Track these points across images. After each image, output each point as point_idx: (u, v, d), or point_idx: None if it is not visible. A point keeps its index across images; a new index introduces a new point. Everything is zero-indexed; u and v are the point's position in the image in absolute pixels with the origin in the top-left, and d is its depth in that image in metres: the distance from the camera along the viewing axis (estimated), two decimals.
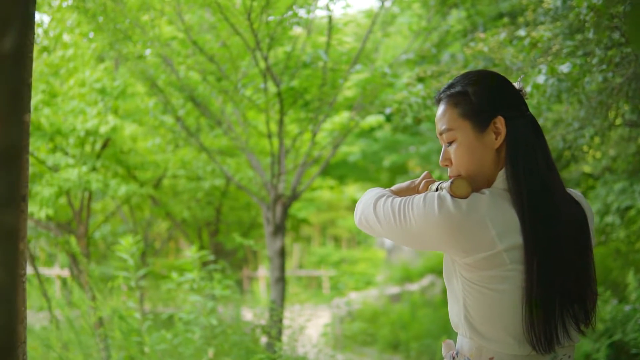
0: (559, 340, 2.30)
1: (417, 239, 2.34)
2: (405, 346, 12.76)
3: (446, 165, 2.48)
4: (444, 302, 15.50)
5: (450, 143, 2.43)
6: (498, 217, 2.23)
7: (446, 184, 2.39)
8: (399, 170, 22.48)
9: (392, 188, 2.67)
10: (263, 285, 20.76)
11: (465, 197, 2.26)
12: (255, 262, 22.47)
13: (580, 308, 2.35)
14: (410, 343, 12.56)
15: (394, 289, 19.08)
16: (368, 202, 2.51)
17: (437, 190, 2.47)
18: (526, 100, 2.47)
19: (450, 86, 2.47)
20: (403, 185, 2.68)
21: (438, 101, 2.51)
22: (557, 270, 2.28)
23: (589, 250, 2.41)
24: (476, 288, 2.27)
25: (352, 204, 26.40)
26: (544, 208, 2.29)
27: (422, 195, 2.33)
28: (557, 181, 2.38)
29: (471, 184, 2.32)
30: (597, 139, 7.99)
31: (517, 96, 2.44)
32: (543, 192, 2.31)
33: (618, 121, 8.18)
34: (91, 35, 9.10)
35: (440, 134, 2.46)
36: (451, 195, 2.27)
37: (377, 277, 22.88)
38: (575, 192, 2.48)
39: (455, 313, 2.39)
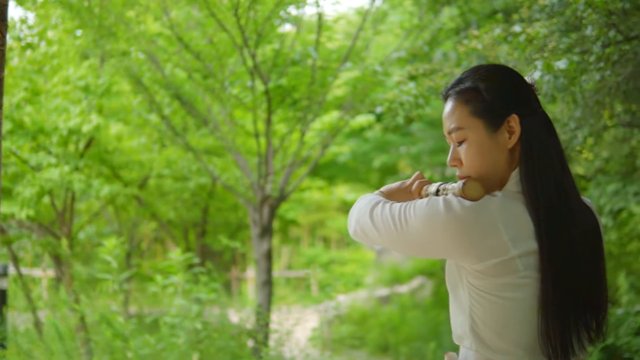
0: (574, 351, 2.16)
1: (421, 246, 2.17)
2: (394, 349, 12.66)
3: (455, 166, 2.32)
4: (434, 304, 15.47)
5: (460, 142, 2.26)
6: (511, 221, 2.08)
7: (451, 186, 2.23)
8: (389, 171, 22.41)
9: (382, 189, 2.50)
10: (252, 286, 20.68)
11: (478, 200, 2.11)
12: (243, 263, 22.39)
13: (592, 317, 2.20)
14: (399, 346, 12.46)
15: (383, 291, 19.04)
16: (363, 209, 2.34)
17: (437, 192, 2.31)
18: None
19: (459, 81, 2.30)
20: (393, 187, 2.51)
21: (446, 97, 2.34)
22: (572, 278, 2.14)
23: (602, 256, 2.27)
24: (485, 297, 2.12)
25: (342, 205, 26.37)
26: (560, 212, 2.14)
27: (426, 199, 2.17)
28: (572, 183, 2.23)
29: (484, 188, 2.16)
30: (590, 140, 7.89)
31: (530, 92, 2.27)
32: (558, 195, 2.17)
33: (613, 122, 8.09)
34: (78, 33, 8.96)
35: (449, 132, 2.29)
36: (463, 198, 2.11)
37: (366, 278, 22.84)
38: (584, 198, 2.32)
39: (459, 324, 2.24)
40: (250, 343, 8.81)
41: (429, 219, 2.11)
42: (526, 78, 2.31)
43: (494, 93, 2.22)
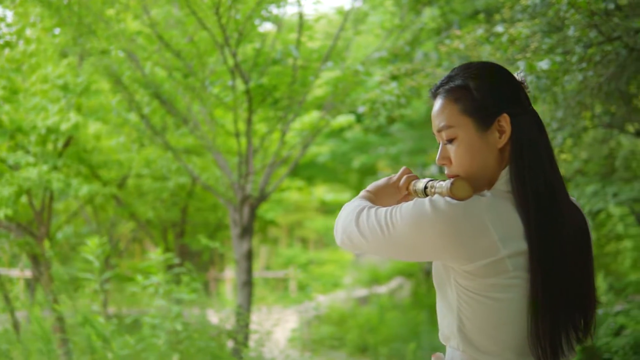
0: (564, 352, 2.15)
1: (410, 249, 2.15)
2: (373, 350, 12.64)
3: (444, 164, 2.29)
4: (413, 305, 15.48)
5: (449, 141, 2.24)
6: (500, 221, 2.06)
7: (439, 184, 2.21)
8: (368, 171, 22.42)
9: (369, 188, 2.48)
10: (230, 287, 20.62)
11: (466, 199, 2.08)
12: (221, 263, 22.33)
13: (581, 317, 2.19)
14: (379, 347, 12.45)
15: (362, 292, 19.03)
16: (348, 218, 2.30)
17: (425, 188, 2.29)
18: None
19: (449, 79, 2.28)
20: (380, 184, 2.48)
21: (435, 95, 2.31)
22: (562, 278, 2.12)
23: (590, 256, 2.26)
24: (474, 297, 2.09)
25: (321, 206, 26.36)
26: (550, 211, 2.13)
27: (411, 201, 2.15)
28: (561, 183, 2.21)
29: (472, 185, 2.14)
30: (569, 141, 7.92)
31: (520, 89, 2.25)
32: (548, 195, 2.15)
33: (593, 123, 8.11)
34: (57, 31, 8.89)
35: (439, 131, 2.26)
36: (451, 198, 2.09)
37: (345, 279, 22.83)
38: (572, 197, 2.30)
39: (446, 324, 2.22)
40: (230, 344, 8.77)
41: (416, 221, 2.09)
42: (516, 75, 2.28)
43: (485, 91, 2.20)
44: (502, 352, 2.10)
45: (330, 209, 27.02)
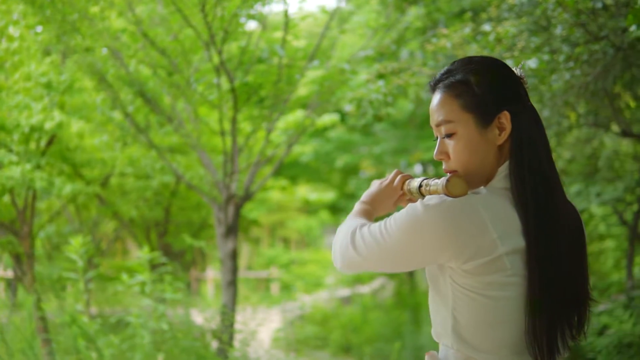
0: (559, 350, 2.13)
1: (410, 257, 2.13)
2: (357, 350, 12.65)
3: (441, 159, 2.27)
4: (396, 305, 15.50)
5: (448, 136, 2.22)
6: (498, 218, 2.05)
7: (434, 182, 2.21)
8: (351, 171, 22.44)
9: (363, 199, 2.50)
10: (212, 287, 20.59)
11: (461, 197, 2.07)
12: (203, 263, 22.29)
13: (575, 315, 2.18)
14: (362, 346, 12.46)
15: (345, 291, 19.05)
16: (344, 242, 2.28)
17: (419, 187, 2.29)
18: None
19: (449, 73, 2.26)
20: (373, 190, 2.50)
21: (434, 88, 2.29)
22: (559, 276, 2.11)
23: (585, 254, 2.25)
24: (470, 295, 2.08)
25: (303, 206, 26.36)
26: (548, 209, 2.12)
27: (404, 208, 2.14)
28: (558, 180, 2.20)
29: (467, 182, 2.13)
30: (553, 141, 7.93)
31: (520, 86, 2.23)
32: (546, 192, 2.13)
33: (578, 122, 8.13)
34: (39, 29, 8.82)
35: (438, 125, 2.24)
36: (446, 195, 2.08)
37: (327, 279, 22.85)
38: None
39: (439, 322, 2.19)
40: (214, 344, 8.74)
41: (412, 225, 2.08)
42: (515, 70, 2.27)
43: (486, 88, 2.18)
44: (498, 350, 2.09)
45: (312, 209, 27.03)
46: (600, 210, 11.52)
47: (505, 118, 2.16)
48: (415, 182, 2.34)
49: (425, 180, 2.28)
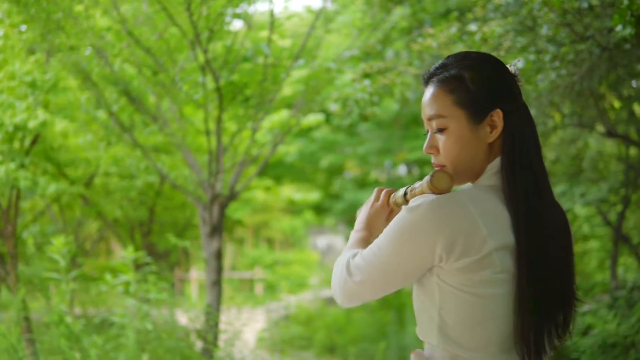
0: (546, 349, 2.13)
1: (405, 266, 2.11)
2: (342, 350, 12.64)
3: (431, 153, 2.24)
4: (380, 305, 15.46)
5: (439, 130, 2.20)
6: (487, 214, 2.04)
7: (419, 184, 2.20)
8: (336, 171, 22.48)
9: (356, 227, 2.47)
10: (195, 287, 20.54)
11: (447, 192, 2.07)
12: (187, 263, 22.24)
13: (561, 314, 2.17)
14: (346, 347, 12.46)
15: (329, 292, 19.02)
16: (341, 275, 2.26)
17: (405, 195, 2.29)
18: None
19: (443, 67, 2.23)
20: (363, 215, 2.48)
21: (427, 82, 2.26)
22: (547, 274, 2.09)
23: (572, 254, 2.24)
24: (458, 294, 2.06)
25: (288, 205, 26.34)
26: (537, 208, 2.10)
27: (391, 222, 2.13)
28: (547, 180, 2.18)
29: (453, 177, 2.12)
30: None
31: (514, 84, 2.22)
32: (536, 191, 2.12)
33: (563, 122, 8.15)
34: (23, 27, 8.78)
35: (429, 119, 2.22)
36: (431, 190, 2.08)
37: (311, 279, 22.84)
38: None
39: (425, 321, 2.16)
40: (199, 344, 8.71)
41: (400, 231, 2.08)
42: (509, 67, 2.26)
43: (480, 85, 2.16)
44: (485, 348, 2.07)
45: (297, 209, 27.02)
46: (585, 211, 11.56)
47: (497, 116, 2.14)
48: (400, 192, 2.34)
49: (409, 187, 2.28)
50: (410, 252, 2.06)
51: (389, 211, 2.44)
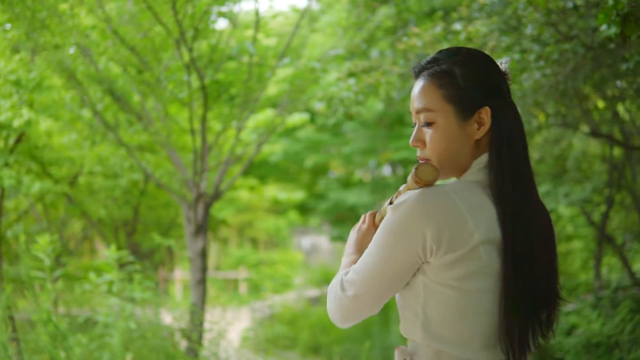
0: (530, 347, 2.12)
1: (397, 267, 2.10)
2: (326, 349, 12.65)
3: (417, 146, 2.25)
4: None
5: (427, 124, 2.20)
6: (473, 208, 2.05)
7: (403, 186, 2.22)
8: (321, 171, 22.48)
9: (347, 251, 2.45)
10: (179, 287, 20.52)
11: (431, 184, 2.08)
12: (171, 263, 22.19)
13: (545, 312, 2.18)
14: (331, 346, 12.46)
15: (313, 292, 19.06)
16: (336, 295, 2.24)
17: (390, 202, 2.29)
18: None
19: (434, 61, 2.24)
20: (351, 238, 2.49)
21: (417, 75, 2.27)
22: (533, 271, 2.10)
23: (555, 252, 2.25)
24: (443, 290, 2.06)
25: (272, 205, 26.33)
26: (523, 205, 2.11)
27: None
28: (532, 177, 2.19)
29: (438, 170, 2.13)
30: None
31: (504, 81, 2.23)
32: (522, 188, 2.13)
33: (547, 122, 8.17)
34: (7, 26, 8.74)
35: (417, 112, 2.23)
36: (416, 181, 2.09)
37: (295, 279, 22.85)
38: None
39: (409, 318, 2.16)
40: (183, 343, 8.70)
41: (387, 232, 2.09)
42: (500, 64, 2.26)
43: (470, 81, 2.17)
44: (469, 343, 2.07)
45: (281, 209, 27.00)
46: (568, 211, 11.61)
47: (485, 114, 2.15)
48: (385, 204, 2.36)
49: (394, 196, 2.29)
50: (402, 250, 2.06)
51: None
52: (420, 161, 2.21)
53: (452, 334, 2.07)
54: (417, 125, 2.25)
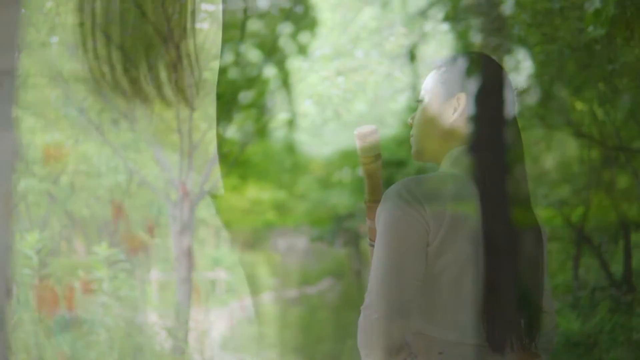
0: (512, 345, 2.14)
1: (416, 255, 2.06)
2: (306, 350, 12.65)
3: (410, 124, 2.37)
4: (344, 305, 15.50)
5: (419, 101, 2.32)
6: (455, 197, 2.08)
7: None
8: (301, 171, 22.41)
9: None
10: (156, 288, 20.40)
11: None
12: (147, 264, 22.04)
13: (527, 312, 2.22)
14: (311, 346, 12.46)
15: (292, 292, 19.02)
16: (362, 325, 2.19)
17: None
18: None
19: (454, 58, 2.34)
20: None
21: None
22: (515, 264, 2.16)
23: (542, 249, 2.29)
24: (425, 281, 2.07)
25: (252, 206, 26.23)
26: (501, 190, 2.17)
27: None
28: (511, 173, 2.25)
29: (421, 155, 2.31)
30: None
31: (497, 80, 2.28)
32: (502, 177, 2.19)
33: (529, 122, 8.23)
34: None
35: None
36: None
37: (273, 280, 22.78)
38: None
39: None
40: (168, 342, 8.69)
41: (386, 228, 2.09)
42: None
43: (462, 68, 2.25)
44: (445, 334, 2.09)
45: (259, 210, 26.91)
46: (546, 213, 11.66)
47: (462, 99, 2.20)
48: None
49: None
50: (408, 235, 2.05)
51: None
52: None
53: (438, 325, 2.09)
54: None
